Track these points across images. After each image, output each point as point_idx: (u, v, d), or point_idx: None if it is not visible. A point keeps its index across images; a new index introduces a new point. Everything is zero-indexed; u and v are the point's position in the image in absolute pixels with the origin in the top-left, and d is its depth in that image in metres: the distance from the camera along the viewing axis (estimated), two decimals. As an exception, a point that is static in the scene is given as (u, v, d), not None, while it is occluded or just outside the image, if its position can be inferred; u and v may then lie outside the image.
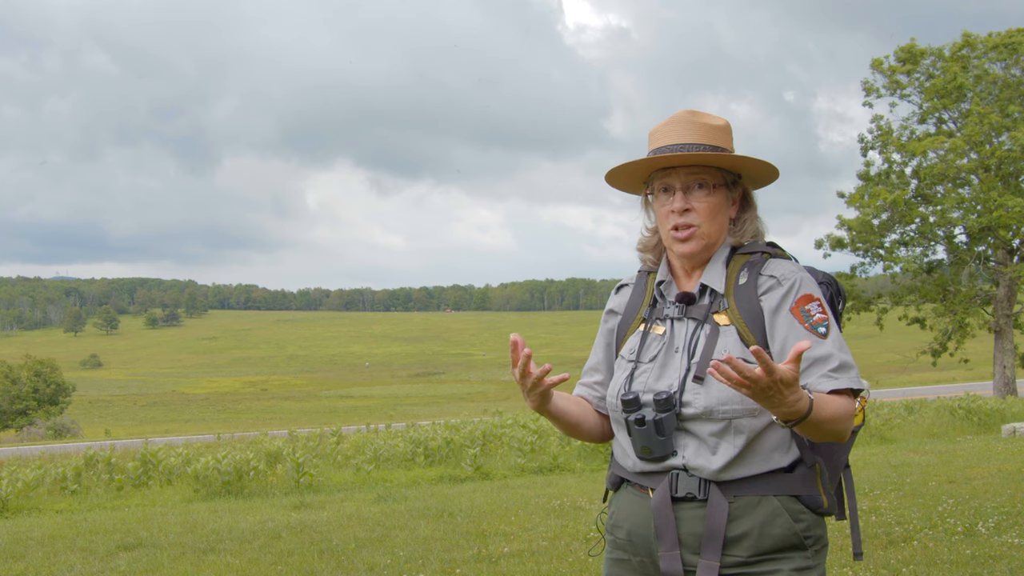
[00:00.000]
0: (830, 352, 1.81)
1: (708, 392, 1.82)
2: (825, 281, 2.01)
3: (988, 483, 8.03)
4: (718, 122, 1.96)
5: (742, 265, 1.93)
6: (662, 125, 1.97)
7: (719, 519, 1.80)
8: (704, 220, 1.92)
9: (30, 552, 6.71)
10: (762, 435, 1.83)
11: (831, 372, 1.79)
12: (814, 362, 1.80)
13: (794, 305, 1.84)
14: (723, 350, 1.84)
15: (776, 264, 1.91)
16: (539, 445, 13.10)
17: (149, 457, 12.19)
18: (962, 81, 25.08)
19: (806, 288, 1.86)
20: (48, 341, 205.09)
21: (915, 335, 27.58)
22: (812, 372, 1.80)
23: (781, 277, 1.88)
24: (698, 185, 1.93)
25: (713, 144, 1.93)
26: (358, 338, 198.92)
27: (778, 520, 1.81)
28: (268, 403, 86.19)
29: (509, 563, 5.63)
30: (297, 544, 6.58)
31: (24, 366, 59.52)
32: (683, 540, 1.84)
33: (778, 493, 1.83)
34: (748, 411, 1.81)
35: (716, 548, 1.79)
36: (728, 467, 1.82)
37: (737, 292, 1.89)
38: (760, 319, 1.86)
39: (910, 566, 5.06)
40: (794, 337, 1.81)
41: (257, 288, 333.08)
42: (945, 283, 25.78)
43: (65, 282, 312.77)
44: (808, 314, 1.83)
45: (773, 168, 1.97)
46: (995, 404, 16.65)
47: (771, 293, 1.87)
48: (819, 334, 1.82)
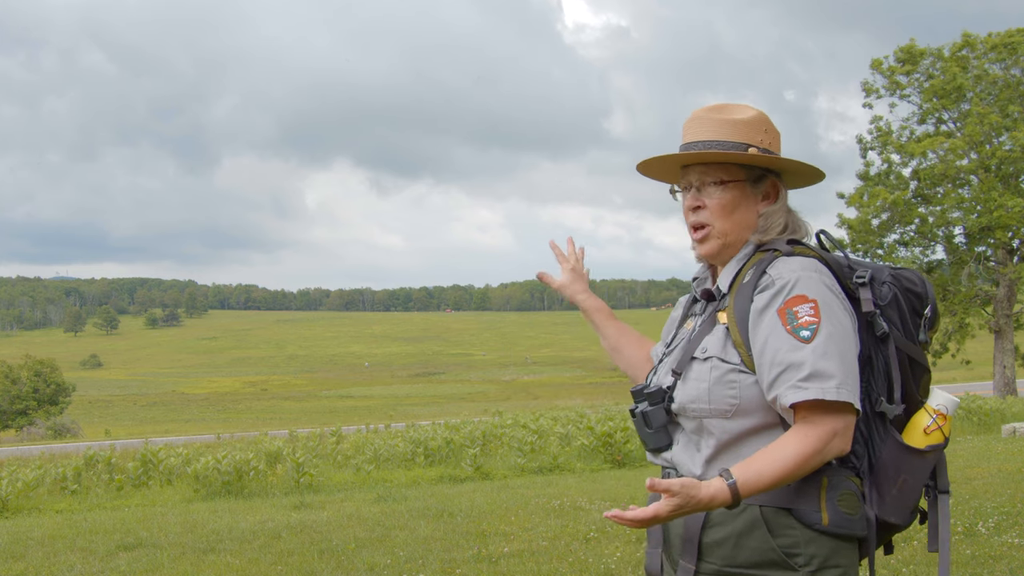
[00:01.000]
0: (804, 359, 1.65)
1: (683, 389, 1.80)
2: (890, 279, 1.81)
3: (988, 483, 8.03)
4: (744, 115, 1.88)
5: (754, 263, 1.84)
6: (688, 119, 1.94)
7: (693, 522, 1.76)
8: (717, 217, 1.86)
9: (30, 552, 6.71)
10: (743, 441, 1.74)
11: (800, 381, 1.64)
12: (786, 368, 1.66)
13: (782, 306, 1.71)
14: (704, 348, 1.81)
15: (781, 263, 1.79)
16: (539, 445, 13.10)
17: (149, 457, 12.20)
18: (962, 81, 25.08)
19: (801, 288, 1.72)
20: (48, 341, 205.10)
21: (915, 335, 27.55)
22: (782, 381, 1.66)
23: (776, 276, 1.76)
24: (711, 182, 1.88)
25: (735, 140, 1.85)
26: (358, 338, 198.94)
27: (755, 532, 1.70)
28: (268, 403, 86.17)
29: (509, 563, 5.63)
30: (297, 544, 6.58)
31: (24, 366, 59.51)
32: (670, 540, 1.84)
33: (764, 504, 1.70)
34: (717, 412, 1.74)
35: (692, 551, 1.76)
36: (706, 469, 1.77)
37: (739, 291, 1.83)
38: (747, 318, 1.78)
39: (910, 566, 5.06)
40: (773, 339, 1.69)
41: (257, 288, 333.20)
42: (945, 283, 25.79)
43: (65, 282, 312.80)
44: (794, 315, 1.69)
45: (813, 168, 1.87)
46: (995, 404, 16.65)
47: (763, 293, 1.76)
48: (800, 338, 1.67)
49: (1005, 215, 23.85)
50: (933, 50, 26.18)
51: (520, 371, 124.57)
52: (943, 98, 25.71)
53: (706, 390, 1.75)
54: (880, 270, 1.83)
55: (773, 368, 1.68)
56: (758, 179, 1.90)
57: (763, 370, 1.70)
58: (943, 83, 25.31)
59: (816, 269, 1.77)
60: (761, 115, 1.90)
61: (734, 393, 1.73)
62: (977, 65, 25.72)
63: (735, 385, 1.73)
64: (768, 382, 1.69)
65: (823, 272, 1.77)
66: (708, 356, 1.78)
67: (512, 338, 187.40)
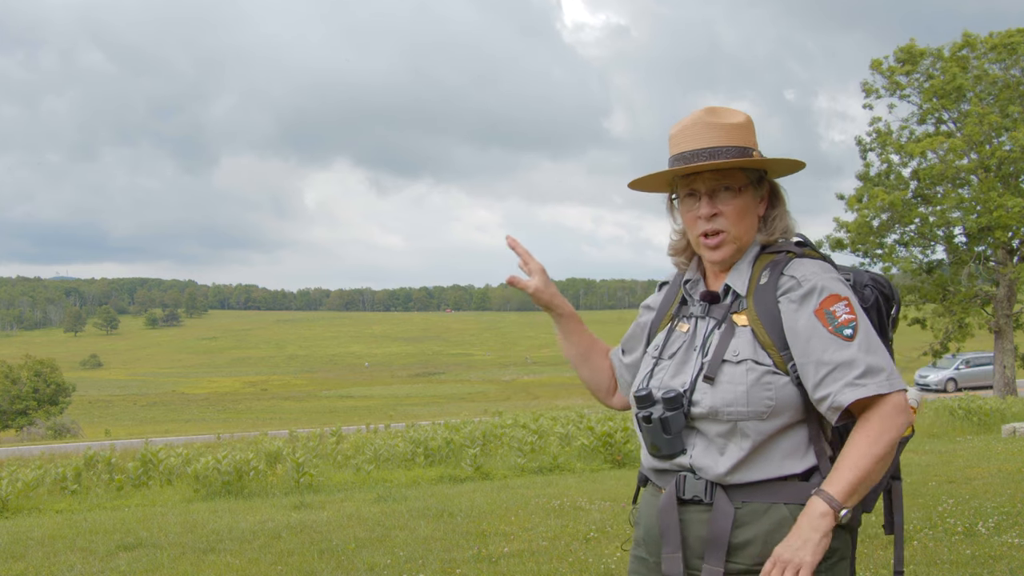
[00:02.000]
0: (854, 356, 1.72)
1: (715, 392, 1.79)
2: (871, 283, 1.92)
3: (988, 483, 8.03)
4: (738, 119, 1.92)
5: (766, 265, 1.88)
6: (681, 128, 1.93)
7: (723, 524, 1.76)
8: (733, 224, 1.89)
9: (30, 552, 6.71)
10: (773, 440, 1.78)
11: (856, 379, 1.71)
12: (837, 367, 1.72)
13: (818, 307, 1.77)
14: (735, 351, 1.81)
15: (799, 264, 1.85)
16: (539, 445, 13.10)
17: (149, 457, 12.19)
18: (961, 82, 25.07)
19: (831, 288, 1.79)
20: (48, 341, 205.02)
21: (915, 335, 27.56)
22: (835, 380, 1.72)
23: (802, 278, 1.81)
24: (724, 188, 1.89)
25: (737, 145, 1.88)
26: (358, 338, 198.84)
27: (784, 530, 1.74)
28: (268, 403, 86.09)
29: (509, 563, 5.63)
30: (297, 544, 6.58)
31: (24, 366, 59.47)
32: (689, 543, 1.82)
33: (788, 501, 1.76)
34: (755, 414, 1.76)
35: (720, 554, 1.76)
36: (734, 470, 1.78)
37: (757, 293, 1.85)
38: (778, 321, 1.81)
39: (910, 566, 5.06)
40: (817, 340, 1.74)
41: (257, 288, 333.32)
42: (945, 283, 25.78)
43: (65, 282, 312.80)
44: (833, 316, 1.76)
45: (801, 164, 1.94)
46: (995, 404, 16.64)
47: (791, 294, 1.81)
48: (844, 336, 1.74)
49: (1005, 215, 23.84)
50: (933, 50, 26.16)
51: (520, 371, 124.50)
52: (943, 98, 25.70)
53: (744, 393, 1.77)
54: (860, 274, 1.93)
55: (821, 368, 1.74)
56: (759, 181, 1.94)
57: (807, 371, 1.75)
58: (943, 83, 25.30)
59: (830, 270, 1.85)
60: (749, 117, 1.95)
61: (771, 395, 1.77)
62: (977, 65, 25.71)
63: (771, 387, 1.77)
64: (815, 382, 1.74)
65: (836, 273, 1.86)
66: (742, 359, 1.80)
67: (512, 338, 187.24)
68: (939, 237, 26.38)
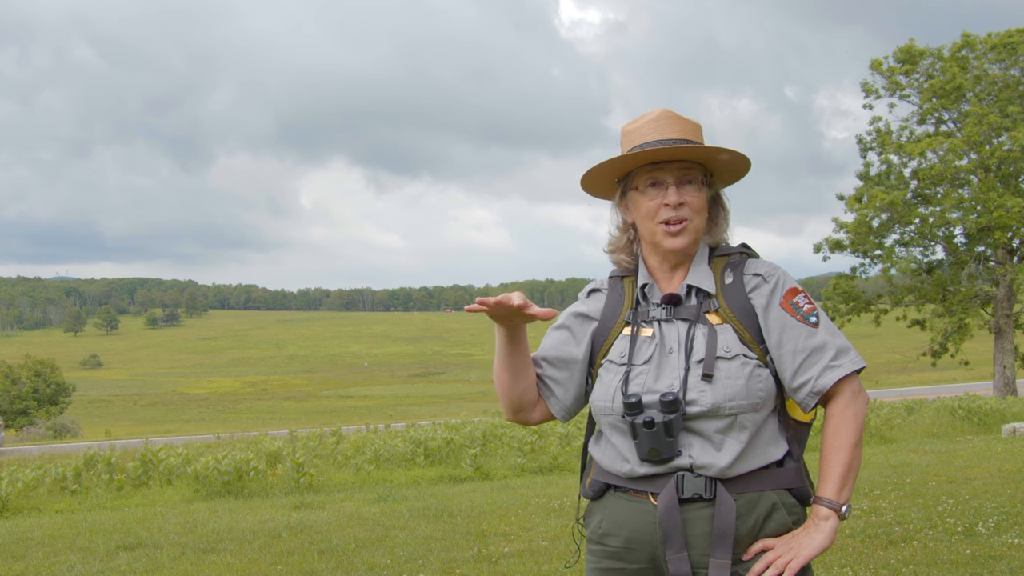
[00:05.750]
0: (824, 340, 1.86)
1: (715, 389, 1.82)
2: None
3: (988, 483, 8.03)
4: (696, 122, 2.00)
5: (724, 266, 1.96)
6: (643, 123, 1.97)
7: (728, 517, 1.80)
8: (696, 214, 1.94)
9: (30, 552, 6.71)
10: (760, 429, 1.87)
11: (831, 362, 1.85)
12: (811, 352, 1.85)
13: (783, 300, 1.90)
14: (725, 348, 1.85)
15: (757, 263, 1.97)
16: (539, 445, 13.10)
17: (149, 457, 12.19)
18: (961, 82, 25.08)
19: (790, 283, 1.93)
20: (48, 341, 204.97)
21: (915, 335, 27.57)
22: (812, 365, 1.85)
23: (766, 275, 1.93)
24: (687, 181, 1.94)
25: (698, 142, 1.96)
26: (358, 338, 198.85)
27: (775, 515, 1.84)
28: (268, 403, 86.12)
29: (509, 563, 5.63)
30: (297, 544, 6.59)
31: (24, 366, 59.50)
32: (691, 541, 1.83)
33: (774, 487, 1.85)
34: (752, 406, 1.84)
35: (727, 547, 1.79)
36: (735, 463, 1.82)
37: (726, 291, 1.92)
38: (753, 316, 1.89)
39: (910, 566, 5.06)
40: (790, 330, 1.87)
41: (257, 288, 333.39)
42: (944, 283, 25.78)
43: (65, 282, 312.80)
44: (797, 306, 1.89)
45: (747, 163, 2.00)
46: (995, 404, 16.63)
47: (759, 290, 1.91)
48: (811, 323, 1.87)
49: (1005, 215, 23.84)
50: (933, 50, 26.17)
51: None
52: (943, 98, 25.71)
53: (743, 386, 1.83)
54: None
55: (798, 356, 1.86)
56: (709, 185, 1.99)
57: (784, 360, 1.87)
58: (943, 83, 25.31)
59: (780, 267, 1.99)
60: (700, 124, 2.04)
61: (762, 386, 1.86)
62: (977, 65, 25.72)
63: (761, 379, 1.86)
64: (793, 369, 1.86)
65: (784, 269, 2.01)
66: (735, 354, 1.86)
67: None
68: (939, 237, 26.39)
